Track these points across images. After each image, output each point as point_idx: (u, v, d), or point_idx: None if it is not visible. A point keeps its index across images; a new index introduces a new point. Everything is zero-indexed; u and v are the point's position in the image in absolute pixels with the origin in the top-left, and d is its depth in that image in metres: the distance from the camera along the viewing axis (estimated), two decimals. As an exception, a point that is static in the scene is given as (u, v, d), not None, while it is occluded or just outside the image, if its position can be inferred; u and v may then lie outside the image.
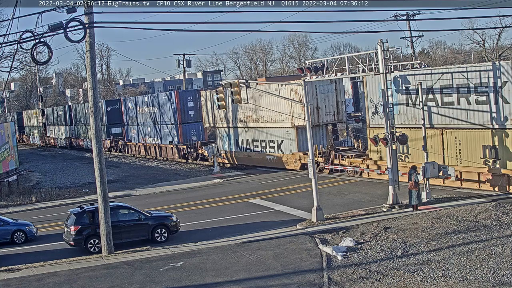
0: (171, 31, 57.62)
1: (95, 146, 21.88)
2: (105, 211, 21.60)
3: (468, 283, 15.18)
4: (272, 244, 20.82)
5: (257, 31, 34.26)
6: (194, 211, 28.99)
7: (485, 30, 72.49)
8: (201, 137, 50.31)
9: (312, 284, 16.35)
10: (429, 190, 25.78)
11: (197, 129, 50.58)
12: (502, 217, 21.17)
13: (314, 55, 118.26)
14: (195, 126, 50.71)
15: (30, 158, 68.81)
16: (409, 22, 59.65)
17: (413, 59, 56.40)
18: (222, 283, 17.11)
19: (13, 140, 42.67)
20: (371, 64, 25.53)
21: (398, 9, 54.65)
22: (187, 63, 70.74)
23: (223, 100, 28.10)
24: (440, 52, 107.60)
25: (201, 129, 50.39)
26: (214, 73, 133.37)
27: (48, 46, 19.85)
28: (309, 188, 26.69)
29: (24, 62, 51.23)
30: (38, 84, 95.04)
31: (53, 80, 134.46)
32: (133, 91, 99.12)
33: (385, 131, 25.39)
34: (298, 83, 31.51)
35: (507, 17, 60.08)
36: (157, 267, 19.21)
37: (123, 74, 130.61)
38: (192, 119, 50.82)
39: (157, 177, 43.46)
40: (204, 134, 50.76)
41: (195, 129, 50.69)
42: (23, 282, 18.86)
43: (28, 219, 28.17)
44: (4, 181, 39.04)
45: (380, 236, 20.39)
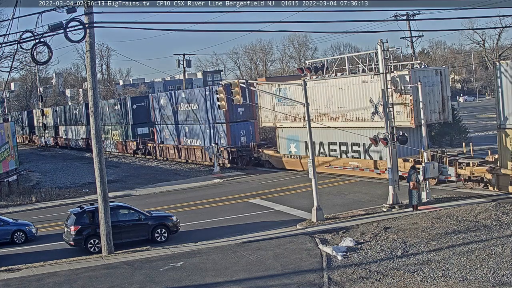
0: (171, 31, 57.58)
1: (95, 146, 21.89)
2: (105, 211, 21.60)
3: (468, 283, 15.18)
4: (272, 244, 20.82)
5: (257, 31, 34.18)
6: (194, 211, 28.99)
7: (485, 30, 72.74)
8: (251, 138, 44.05)
9: (312, 284, 16.34)
10: (429, 190, 25.78)
11: (247, 129, 44.17)
12: (502, 217, 21.18)
13: (314, 55, 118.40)
14: (245, 125, 44.23)
15: (30, 158, 68.81)
16: (409, 22, 59.57)
17: (413, 59, 56.39)
18: (222, 283, 17.11)
19: (13, 140, 42.67)
20: (371, 64, 25.54)
21: (398, 9, 54.57)
22: (187, 63, 70.71)
23: (223, 100, 28.13)
24: (440, 52, 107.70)
25: (252, 129, 44.29)
26: (214, 73, 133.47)
27: (48, 46, 19.85)
28: (309, 188, 26.69)
29: (24, 62, 51.22)
30: (38, 84, 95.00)
31: (53, 80, 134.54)
32: (133, 91, 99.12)
33: (385, 131, 25.39)
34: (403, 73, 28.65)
35: (507, 17, 60.24)
36: (157, 267, 19.21)
37: (123, 74, 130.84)
38: (242, 117, 44.24)
39: (157, 177, 43.46)
40: (255, 135, 44.50)
41: (244, 129, 44.11)
42: (23, 282, 18.85)
43: (28, 219, 28.17)
44: (4, 181, 39.03)
45: (380, 236, 20.39)
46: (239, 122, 44.14)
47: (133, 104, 58.55)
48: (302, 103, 24.99)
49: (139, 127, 58.61)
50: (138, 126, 58.64)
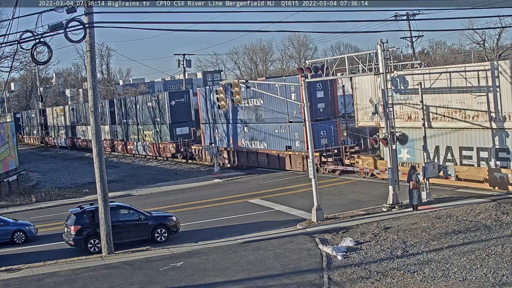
0: (171, 31, 57.43)
1: (95, 146, 21.91)
2: (105, 211, 21.61)
3: (468, 283, 15.17)
4: (272, 244, 20.82)
5: (257, 31, 34.09)
6: (194, 211, 28.99)
7: (485, 30, 72.55)
8: (332, 140, 36.52)
9: (312, 284, 16.34)
10: (429, 190, 25.78)
11: (327, 129, 36.68)
12: (502, 217, 21.17)
13: (314, 55, 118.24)
14: (326, 125, 36.71)
15: (30, 158, 68.81)
16: (409, 22, 59.68)
17: (413, 59, 56.41)
18: (222, 283, 17.11)
19: (13, 140, 42.69)
20: (371, 64, 25.52)
21: (398, 9, 54.62)
22: (187, 63, 70.75)
23: (223, 100, 28.10)
24: (440, 52, 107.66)
25: (333, 130, 36.89)
26: (214, 73, 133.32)
27: (48, 46, 19.86)
28: (309, 188, 26.68)
29: (24, 62, 51.13)
30: (38, 84, 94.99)
31: (53, 80, 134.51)
32: (133, 91, 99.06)
33: (385, 131, 25.39)
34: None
35: (507, 17, 60.06)
36: (157, 267, 19.21)
37: (123, 74, 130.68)
38: (322, 115, 36.92)
39: (157, 177, 43.47)
40: (337, 137, 37.12)
41: (325, 129, 36.56)
42: (23, 282, 18.86)
43: (28, 219, 28.18)
44: (4, 181, 39.04)
45: (380, 236, 20.39)
46: (319, 121, 36.39)
47: (171, 100, 50.85)
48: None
49: (178, 127, 51.05)
50: (177, 126, 51.05)
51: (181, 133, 50.73)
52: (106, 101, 65.74)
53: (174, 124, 50.90)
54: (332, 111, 37.40)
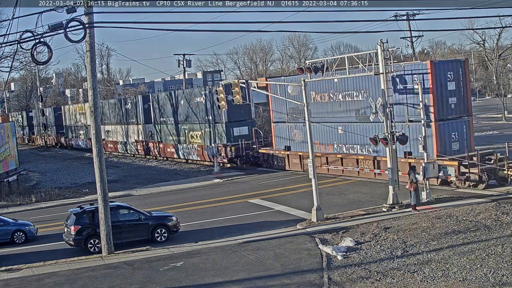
0: (171, 31, 57.46)
1: (95, 146, 21.91)
2: (105, 211, 21.60)
3: (468, 283, 15.18)
4: (272, 244, 20.82)
5: (257, 31, 34.06)
6: (194, 211, 28.99)
7: (485, 30, 72.73)
8: (465, 145, 29.14)
9: (312, 284, 16.34)
10: (429, 190, 25.78)
11: (460, 130, 29.55)
12: (502, 217, 21.18)
13: (314, 55, 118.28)
14: (457, 125, 29.56)
15: (30, 158, 68.78)
16: (409, 22, 59.66)
17: (413, 59, 56.42)
18: (222, 283, 17.11)
19: (13, 140, 42.69)
20: (371, 64, 25.52)
21: (398, 9, 54.60)
22: (187, 63, 70.74)
23: (223, 100, 28.07)
24: (440, 52, 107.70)
25: (466, 131, 29.71)
26: (214, 73, 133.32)
27: (48, 46, 19.86)
28: (309, 188, 26.68)
29: (24, 62, 51.17)
30: (38, 84, 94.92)
31: (53, 80, 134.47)
32: (133, 91, 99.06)
33: (385, 131, 25.38)
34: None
35: (507, 17, 60.23)
36: (157, 267, 19.21)
37: (123, 74, 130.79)
38: (453, 112, 29.53)
39: (157, 177, 43.44)
40: (469, 140, 29.76)
41: (457, 130, 29.49)
42: (23, 282, 18.86)
43: (28, 219, 28.16)
44: (4, 181, 39.03)
45: (380, 236, 20.39)
46: (451, 120, 29.39)
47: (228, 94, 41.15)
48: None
49: (235, 126, 43.22)
50: (235, 125, 43.20)
51: (239, 134, 42.94)
52: (139, 96, 58.19)
53: (231, 123, 43.10)
54: (465, 107, 30.06)
